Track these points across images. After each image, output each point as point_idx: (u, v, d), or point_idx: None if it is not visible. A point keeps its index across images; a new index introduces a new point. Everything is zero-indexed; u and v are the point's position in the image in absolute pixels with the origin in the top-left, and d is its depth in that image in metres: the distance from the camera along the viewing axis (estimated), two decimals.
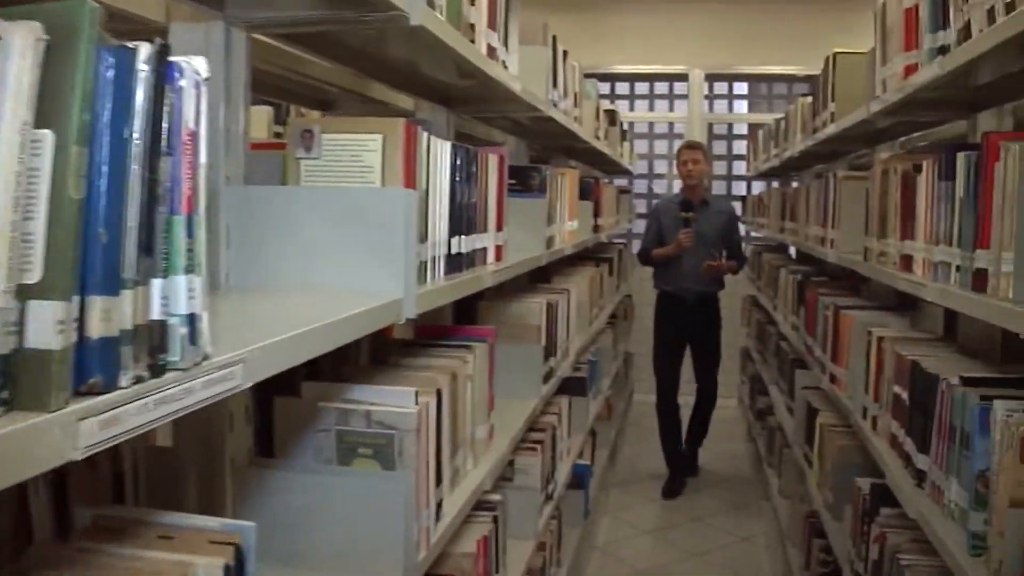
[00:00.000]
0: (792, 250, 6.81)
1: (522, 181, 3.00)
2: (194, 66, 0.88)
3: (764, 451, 5.59)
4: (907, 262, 2.41)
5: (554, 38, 3.36)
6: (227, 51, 1.69)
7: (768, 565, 4.68)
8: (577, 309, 4.11)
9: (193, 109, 0.88)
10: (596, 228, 4.75)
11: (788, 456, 4.67)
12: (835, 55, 3.52)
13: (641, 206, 8.78)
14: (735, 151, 8.84)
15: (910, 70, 2.42)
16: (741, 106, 8.91)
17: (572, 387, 4.26)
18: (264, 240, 1.65)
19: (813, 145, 4.17)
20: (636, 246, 6.40)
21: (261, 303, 1.52)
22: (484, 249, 2.37)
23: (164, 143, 0.84)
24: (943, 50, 2.16)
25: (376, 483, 1.66)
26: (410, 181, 1.68)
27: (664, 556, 4.91)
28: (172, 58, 0.85)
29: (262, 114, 3.59)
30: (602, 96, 8.64)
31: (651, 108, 8.95)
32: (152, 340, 0.85)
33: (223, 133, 1.67)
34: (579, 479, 4.52)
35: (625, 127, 7.40)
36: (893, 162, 2.59)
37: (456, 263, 2.09)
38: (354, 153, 1.66)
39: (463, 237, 2.13)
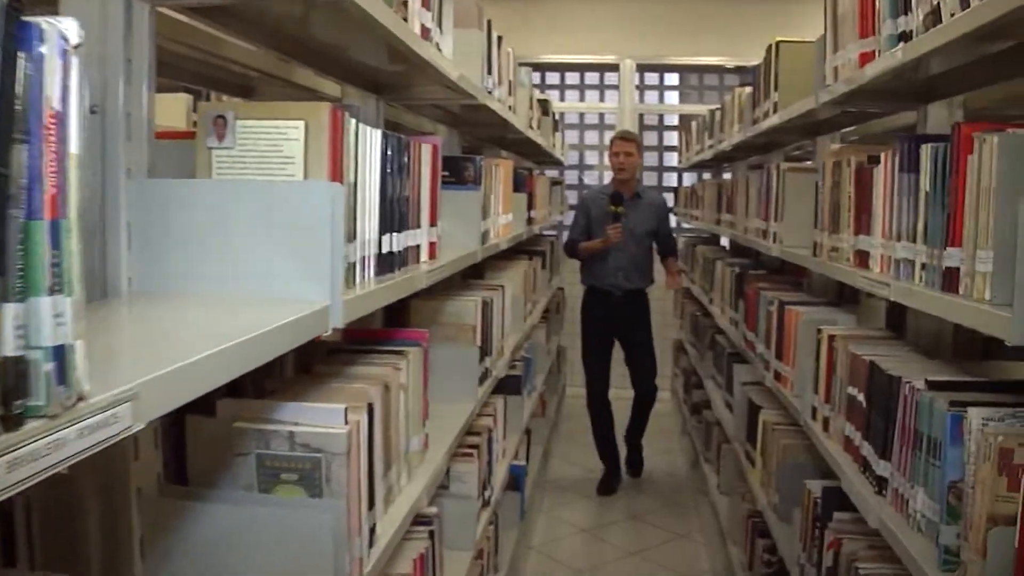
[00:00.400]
0: (726, 241, 6.75)
1: (455, 173, 2.82)
2: (60, 29, 0.69)
3: (701, 446, 5.51)
4: (863, 258, 2.30)
5: (489, 23, 3.19)
6: (127, 24, 1.47)
7: (708, 563, 4.59)
8: (512, 305, 3.95)
9: (59, 84, 0.69)
10: (530, 221, 4.59)
11: (727, 452, 4.58)
12: (778, 43, 3.41)
13: (572, 197, 8.65)
14: (666, 142, 8.76)
15: (866, 58, 2.30)
16: (672, 97, 8.84)
17: (507, 386, 4.11)
18: (171, 241, 1.45)
19: (752, 136, 4.06)
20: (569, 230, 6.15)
21: (166, 315, 1.32)
22: (417, 247, 2.19)
23: (18, 127, 0.65)
24: (905, 36, 2.04)
25: (301, 513, 1.47)
26: (336, 173, 1.49)
27: (601, 555, 4.78)
28: (27, 18, 0.66)
29: (180, 102, 3.35)
30: (533, 86, 8.50)
31: (582, 98, 8.83)
32: (6, 382, 0.66)
33: (123, 118, 1.46)
34: (515, 480, 4.37)
35: (556, 117, 7.25)
36: (846, 153, 2.48)
37: (388, 263, 1.91)
38: (273, 142, 1.46)
39: (395, 235, 1.95)
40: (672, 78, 8.76)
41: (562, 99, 8.78)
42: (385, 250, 1.89)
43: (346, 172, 1.55)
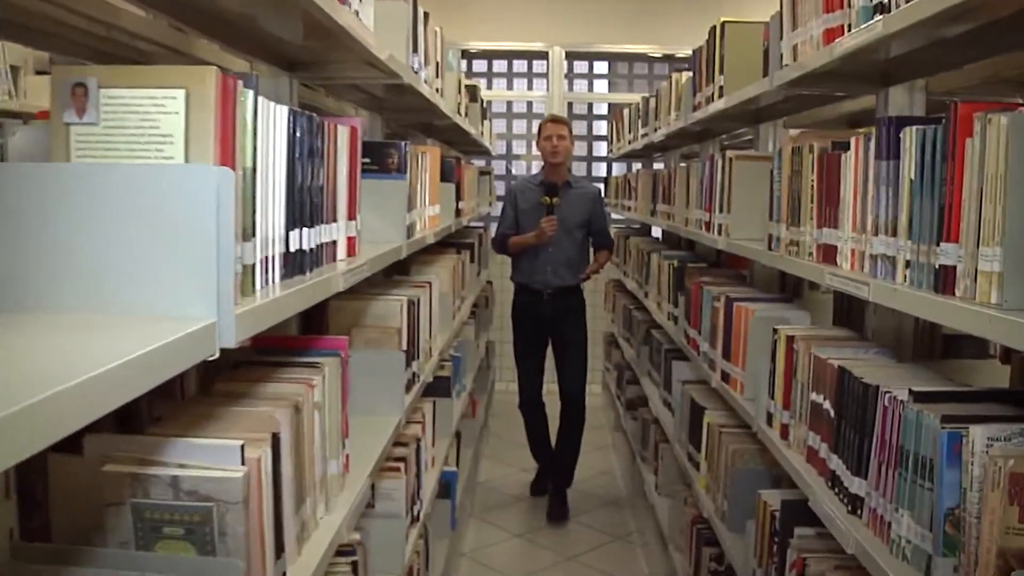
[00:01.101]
0: (658, 232, 6.56)
1: (378, 160, 2.53)
2: None
3: (637, 445, 5.30)
4: (829, 253, 2.07)
5: None
6: None
7: (649, 568, 4.37)
8: (441, 303, 3.68)
9: None
10: (459, 212, 4.31)
11: (666, 452, 4.38)
12: (723, 24, 3.19)
13: (500, 188, 8.39)
14: (596, 131, 8.55)
15: (832, 35, 2.08)
16: (602, 86, 8.62)
17: (436, 388, 3.84)
18: (18, 240, 1.14)
19: (691, 124, 3.84)
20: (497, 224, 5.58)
21: (3, 340, 1.01)
22: (334, 243, 1.91)
23: None
24: (882, 8, 1.81)
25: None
26: (227, 156, 1.19)
27: (536, 560, 4.54)
28: None
29: None
30: (470, 84, 8.20)
31: (509, 86, 8.56)
32: None
33: None
34: (446, 488, 4.10)
35: (484, 105, 6.98)
36: (806, 139, 2.26)
37: (297, 264, 1.62)
38: (146, 116, 1.16)
39: (306, 230, 1.66)
40: (602, 66, 8.54)
41: (489, 87, 8.50)
42: (294, 248, 1.60)
43: (240, 155, 1.26)
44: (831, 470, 2.04)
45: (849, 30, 1.93)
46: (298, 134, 1.59)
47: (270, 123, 1.44)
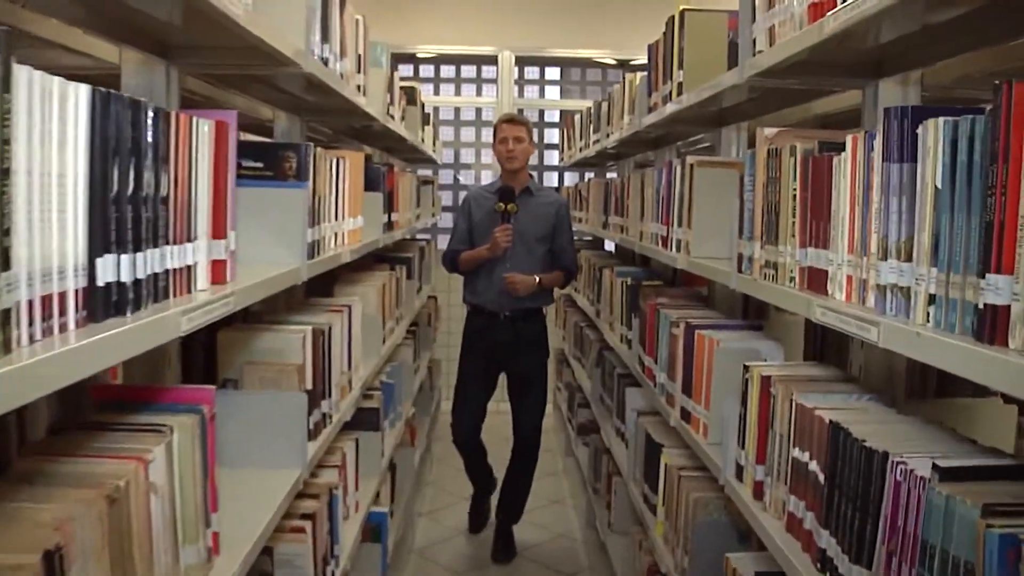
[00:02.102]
0: (611, 245, 6.16)
1: (272, 164, 2.08)
2: None
3: (589, 474, 4.86)
4: (816, 279, 1.66)
5: None
6: None
7: None
8: (365, 327, 3.23)
9: None
10: (390, 225, 3.86)
11: (620, 487, 3.95)
12: (683, 12, 2.77)
13: (448, 198, 7.95)
14: (547, 140, 8.14)
15: (821, 10, 1.67)
16: (553, 92, 8.22)
17: (362, 422, 3.39)
18: None
19: (646, 128, 3.43)
20: (443, 242, 4.97)
21: None
22: (189, 269, 1.45)
23: None
24: None
25: None
26: None
27: None
28: None
29: None
30: (404, 79, 7.74)
31: (457, 92, 8.13)
32: None
33: None
34: (375, 531, 3.64)
35: (428, 111, 6.54)
36: (786, 140, 1.85)
37: (111, 302, 1.16)
38: None
39: (129, 256, 1.20)
40: (553, 72, 8.15)
41: (436, 93, 8.07)
42: (104, 281, 1.14)
43: None
44: (820, 548, 1.62)
45: (843, 1, 1.52)
46: (111, 125, 1.14)
47: (45, 105, 0.99)
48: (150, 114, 1.28)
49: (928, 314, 1.25)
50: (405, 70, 7.93)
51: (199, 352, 2.36)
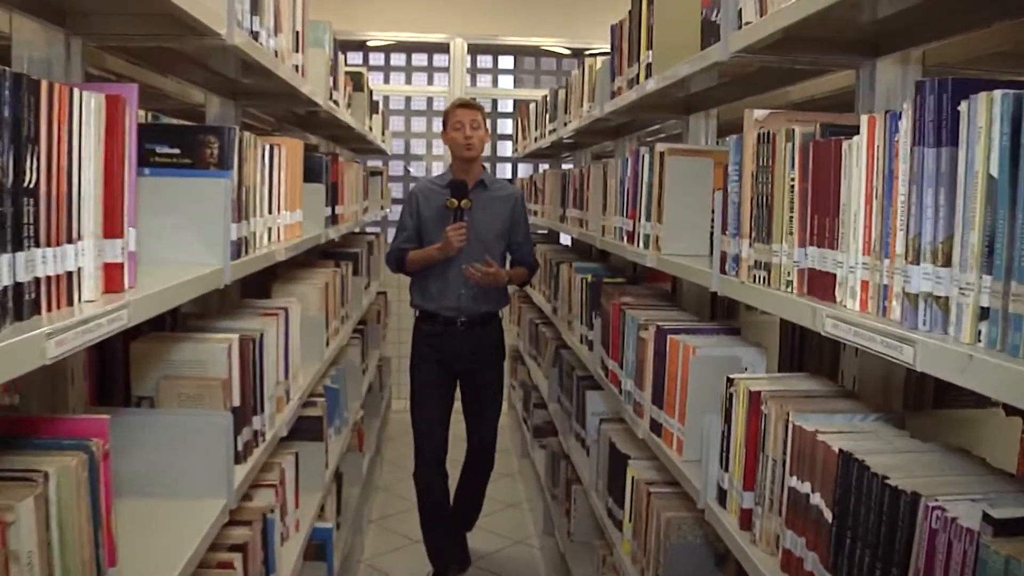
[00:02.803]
0: (567, 238, 5.92)
1: (189, 151, 1.79)
2: None
3: (546, 479, 4.61)
4: (820, 284, 1.42)
5: None
6: None
7: None
8: (305, 331, 2.94)
9: None
10: (334, 219, 3.58)
11: (580, 495, 3.71)
12: None
13: (398, 190, 7.65)
14: (501, 130, 7.87)
15: None
16: (507, 82, 7.95)
17: (303, 432, 3.12)
18: None
19: (609, 113, 3.18)
20: (393, 236, 4.33)
21: None
22: (68, 276, 1.17)
23: None
24: None
25: None
26: None
27: None
28: None
29: None
30: (352, 67, 7.42)
31: (408, 81, 7.82)
32: None
33: None
34: (319, 549, 3.36)
35: (377, 99, 6.24)
36: (779, 123, 1.60)
37: None
38: None
39: None
40: (507, 61, 7.88)
41: (386, 82, 7.76)
42: None
43: None
44: None
45: None
46: None
47: None
48: (5, 82, 0.99)
49: (979, 332, 1.01)
50: (354, 58, 7.62)
51: (118, 365, 2.07)
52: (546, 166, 6.84)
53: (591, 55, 3.86)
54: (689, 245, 2.30)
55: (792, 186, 1.50)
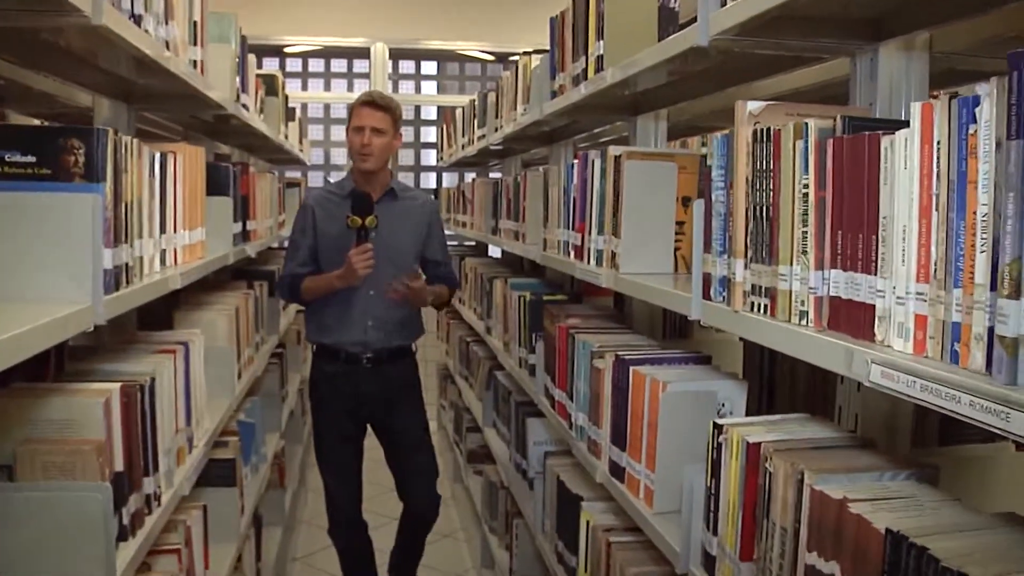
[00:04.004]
0: (496, 250, 5.59)
1: (47, 158, 1.41)
2: None
3: (483, 510, 4.27)
4: (853, 318, 1.11)
5: None
6: None
7: None
8: (212, 364, 2.56)
9: None
10: (245, 236, 3.19)
11: (523, 531, 3.38)
12: None
13: None
14: (424, 138, 7.52)
15: None
16: (430, 88, 7.60)
17: (214, 477, 2.76)
18: None
19: (549, 115, 2.86)
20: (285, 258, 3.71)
21: None
22: None
23: None
24: None
25: None
26: None
27: None
28: None
29: None
30: (266, 73, 6.99)
31: (327, 88, 7.43)
32: None
33: None
34: None
35: (294, 106, 5.84)
36: (779, 117, 1.30)
37: None
38: None
39: None
40: (430, 67, 7.53)
41: (304, 89, 7.35)
42: None
43: None
44: None
45: None
46: None
47: None
48: None
49: None
50: (270, 64, 7.20)
51: None
52: (473, 175, 6.52)
53: (522, 55, 3.53)
54: (651, 262, 1.99)
55: (805, 194, 1.20)
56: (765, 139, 1.29)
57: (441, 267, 3.49)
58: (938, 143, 0.96)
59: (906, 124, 1.02)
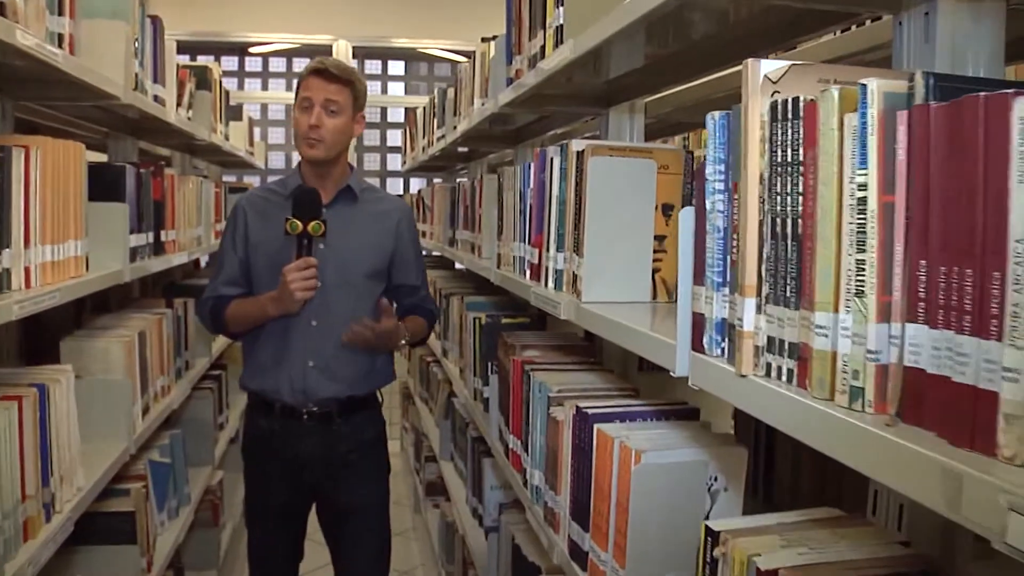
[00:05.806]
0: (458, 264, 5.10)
1: None
2: None
3: (440, 551, 3.78)
4: (957, 413, 0.65)
5: None
6: None
7: None
8: (95, 405, 2.08)
9: None
10: (159, 248, 2.70)
11: None
12: None
13: None
14: (390, 142, 7.03)
15: None
16: (397, 89, 7.12)
17: (105, 532, 2.33)
18: None
19: (504, 108, 2.40)
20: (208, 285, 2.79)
21: None
22: None
23: None
24: None
25: None
26: None
27: None
28: None
29: None
30: (228, 74, 6.53)
31: (288, 88, 6.94)
32: None
33: None
34: None
35: (238, 103, 5.35)
36: (811, 83, 0.83)
37: None
38: None
39: None
40: (397, 67, 7.05)
41: (264, 89, 6.87)
42: None
43: None
44: None
45: None
46: None
47: None
48: None
49: None
50: (229, 63, 6.71)
51: None
52: (439, 180, 6.03)
53: (482, 41, 3.07)
54: (622, 287, 1.52)
55: (862, 199, 0.73)
56: (792, 115, 0.82)
57: (416, 293, 2.58)
58: None
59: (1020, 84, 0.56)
